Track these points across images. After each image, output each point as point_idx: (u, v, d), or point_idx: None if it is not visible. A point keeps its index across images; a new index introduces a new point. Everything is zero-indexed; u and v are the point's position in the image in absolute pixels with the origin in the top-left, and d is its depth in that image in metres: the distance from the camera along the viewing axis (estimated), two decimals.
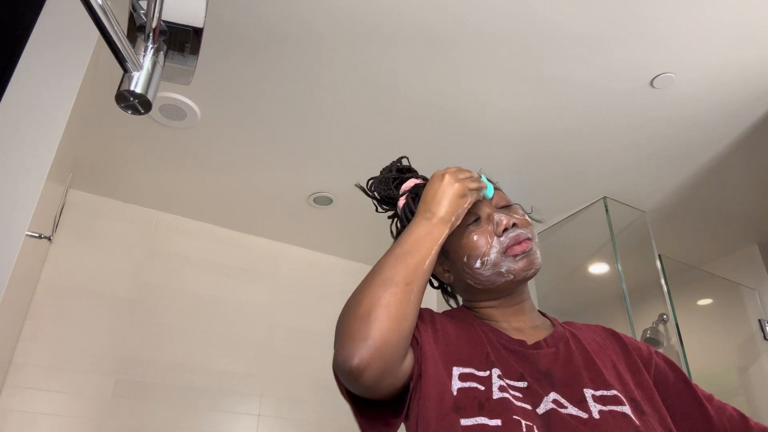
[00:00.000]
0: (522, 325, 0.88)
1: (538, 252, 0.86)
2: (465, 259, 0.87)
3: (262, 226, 2.98)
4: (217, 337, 2.71)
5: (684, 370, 2.38)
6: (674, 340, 2.53)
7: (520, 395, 0.74)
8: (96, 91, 1.97)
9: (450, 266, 0.93)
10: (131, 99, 0.66)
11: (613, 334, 0.93)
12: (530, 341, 0.83)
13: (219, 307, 2.79)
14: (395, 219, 1.08)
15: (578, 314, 3.00)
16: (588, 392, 0.75)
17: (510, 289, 0.87)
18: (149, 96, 0.67)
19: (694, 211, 2.75)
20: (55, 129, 1.29)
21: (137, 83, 0.66)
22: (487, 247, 0.84)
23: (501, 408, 0.70)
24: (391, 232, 1.10)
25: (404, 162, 1.08)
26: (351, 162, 2.45)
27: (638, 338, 2.74)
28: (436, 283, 1.02)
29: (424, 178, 1.02)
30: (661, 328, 2.88)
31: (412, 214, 0.94)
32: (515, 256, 0.84)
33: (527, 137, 2.27)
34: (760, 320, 2.91)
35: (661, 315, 2.88)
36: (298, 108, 2.14)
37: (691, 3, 1.69)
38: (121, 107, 0.67)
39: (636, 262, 2.70)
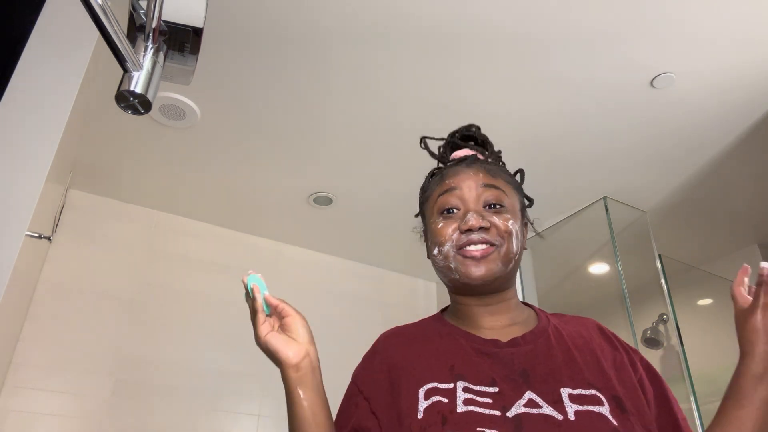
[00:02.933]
0: (498, 323, 0.84)
1: (498, 265, 0.81)
2: (429, 243, 0.89)
3: (262, 226, 2.98)
4: (217, 337, 2.71)
5: (684, 370, 2.38)
6: (674, 340, 2.53)
7: (490, 401, 0.72)
8: (96, 91, 1.97)
9: (427, 245, 0.93)
10: (131, 99, 0.66)
11: (601, 330, 0.89)
12: (505, 339, 0.80)
13: (219, 307, 2.79)
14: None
15: (578, 314, 3.00)
16: (565, 391, 0.72)
17: (467, 291, 0.84)
18: (149, 96, 0.66)
19: (694, 211, 2.75)
20: (55, 129, 1.29)
21: (137, 83, 0.66)
22: (445, 239, 0.82)
23: (464, 421, 0.69)
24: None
25: (473, 130, 1.03)
26: (351, 162, 2.45)
27: (638, 338, 2.74)
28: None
29: (488, 154, 0.96)
30: (661, 328, 2.88)
31: (422, 188, 0.98)
32: (465, 257, 0.81)
33: (528, 137, 2.27)
34: None
35: (661, 315, 2.88)
36: (298, 108, 2.14)
37: (691, 3, 1.69)
38: (121, 107, 0.67)
39: (636, 262, 2.70)
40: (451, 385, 0.74)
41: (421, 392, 0.75)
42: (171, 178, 2.58)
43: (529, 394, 0.72)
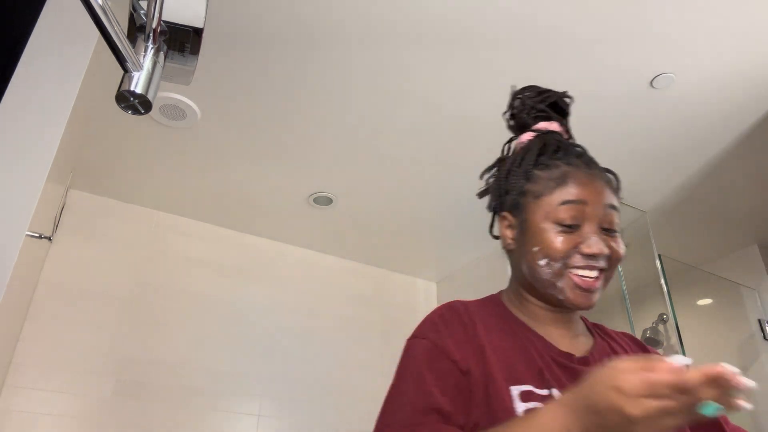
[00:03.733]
0: (567, 333, 0.82)
1: (602, 290, 0.78)
2: (535, 248, 0.78)
3: (262, 226, 2.98)
4: (217, 337, 2.71)
5: None
6: (674, 340, 2.53)
7: None
8: (96, 91, 1.97)
9: (518, 239, 0.82)
10: (131, 99, 0.66)
11: (641, 347, 0.89)
12: (577, 353, 0.78)
13: (219, 307, 2.79)
14: (508, 144, 0.96)
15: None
16: None
17: (556, 306, 0.81)
18: (149, 96, 0.67)
19: (694, 211, 2.75)
20: (55, 129, 1.29)
21: (137, 83, 0.66)
22: (561, 256, 0.76)
23: None
24: (502, 150, 0.95)
25: (566, 99, 0.95)
26: (351, 162, 2.45)
27: (638, 338, 2.74)
28: (493, 233, 0.92)
29: (568, 131, 0.90)
30: (660, 328, 2.88)
31: (525, 174, 0.83)
32: (576, 284, 0.76)
33: None
34: (760, 320, 2.91)
35: (661, 315, 2.88)
36: (298, 108, 2.14)
37: (691, 3, 1.69)
38: (121, 107, 0.67)
39: (636, 262, 2.70)
40: (546, 392, 0.71)
41: (516, 392, 0.71)
42: (171, 178, 2.59)
43: None
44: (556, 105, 0.93)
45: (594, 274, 0.76)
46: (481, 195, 0.94)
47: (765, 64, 1.92)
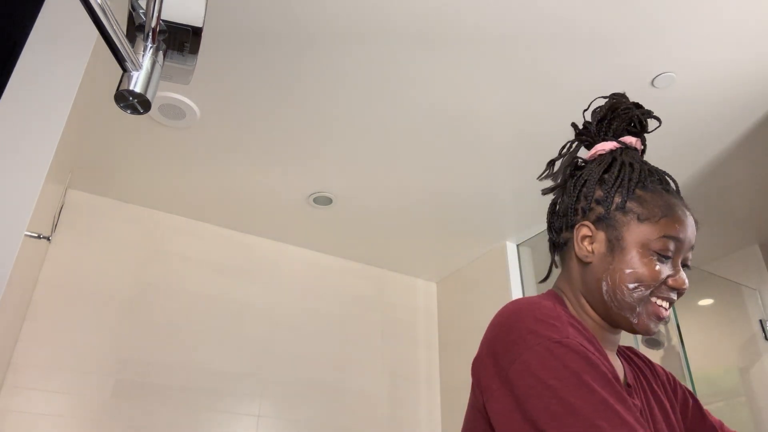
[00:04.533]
0: (612, 353, 0.84)
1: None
2: (627, 270, 0.76)
3: (262, 226, 2.98)
4: (217, 337, 2.71)
5: (685, 370, 2.38)
6: (675, 340, 2.53)
7: None
8: (95, 91, 1.97)
9: (604, 254, 0.79)
10: (130, 99, 0.66)
11: (647, 363, 0.92)
12: (620, 377, 0.79)
13: (219, 307, 2.79)
14: (572, 144, 0.93)
15: None
16: None
17: (619, 326, 0.81)
18: (148, 96, 0.66)
19: (695, 210, 2.74)
20: (54, 129, 1.28)
21: (136, 83, 0.65)
22: (653, 284, 0.76)
23: None
24: (569, 147, 0.92)
25: (650, 119, 0.91)
26: (351, 162, 2.45)
27: (639, 338, 2.74)
28: (553, 232, 0.88)
29: (643, 154, 0.89)
30: (661, 328, 2.87)
31: (629, 191, 0.80)
32: (651, 313, 0.77)
33: (528, 138, 2.26)
34: (761, 320, 2.90)
35: None
36: (298, 108, 2.14)
37: (691, 3, 1.69)
38: (121, 107, 0.66)
39: None
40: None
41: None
42: (171, 178, 2.58)
43: None
44: (641, 122, 0.91)
45: (667, 307, 0.78)
46: (547, 192, 0.91)
47: (765, 64, 1.91)
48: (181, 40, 0.70)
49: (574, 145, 0.93)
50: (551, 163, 0.93)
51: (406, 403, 3.09)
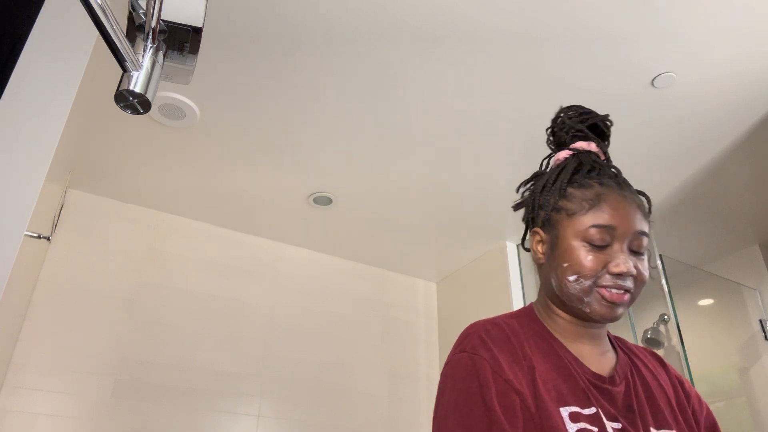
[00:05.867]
0: (595, 349, 0.84)
1: (625, 309, 0.81)
2: (564, 264, 0.81)
3: (262, 226, 2.98)
4: (217, 337, 2.71)
5: (685, 370, 2.38)
6: (675, 340, 2.53)
7: None
8: (95, 91, 1.97)
9: (549, 254, 0.85)
10: (130, 99, 0.66)
11: (662, 363, 0.92)
12: (604, 373, 0.81)
13: (219, 307, 2.79)
14: (547, 159, 0.99)
15: None
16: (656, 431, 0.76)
17: (582, 319, 0.83)
18: (148, 96, 0.66)
19: (694, 211, 2.75)
20: (54, 129, 1.28)
21: (136, 83, 0.65)
22: (591, 274, 0.78)
23: None
24: (540, 165, 0.97)
25: (607, 122, 0.96)
26: (351, 162, 2.45)
27: (639, 338, 2.74)
28: (524, 246, 0.95)
29: (606, 153, 0.93)
30: (661, 328, 2.87)
31: (560, 191, 0.85)
32: (604, 298, 0.78)
33: (528, 137, 2.26)
34: (761, 320, 2.90)
35: (662, 315, 2.87)
36: (298, 108, 2.14)
37: (691, 3, 1.69)
38: (121, 107, 0.66)
39: None
40: (592, 411, 0.74)
41: (565, 413, 0.73)
42: (170, 178, 2.58)
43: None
44: (595, 127, 0.95)
45: (620, 292, 0.78)
46: (516, 208, 0.97)
47: (765, 64, 1.91)
48: (181, 40, 0.70)
49: (546, 161, 0.99)
50: (524, 182, 1.00)
51: (406, 403, 3.09)
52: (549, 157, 0.99)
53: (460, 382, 0.76)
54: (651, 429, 0.76)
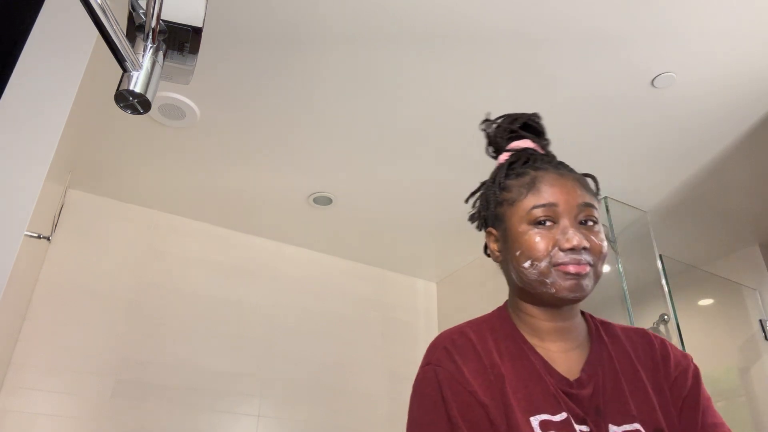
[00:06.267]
0: (565, 345, 0.82)
1: (592, 283, 0.79)
2: (517, 252, 0.80)
3: (262, 226, 2.98)
4: (217, 337, 2.71)
5: None
6: (675, 340, 2.53)
7: None
8: (95, 91, 1.97)
9: (503, 249, 0.86)
10: (130, 99, 0.66)
11: (648, 343, 0.87)
12: (572, 375, 0.79)
13: (219, 307, 2.79)
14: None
15: None
16: (612, 429, 0.74)
17: (553, 304, 0.81)
18: (148, 96, 0.66)
19: (694, 211, 2.75)
20: (54, 129, 1.28)
21: (136, 83, 0.65)
22: (543, 255, 0.77)
23: None
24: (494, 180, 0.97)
25: (536, 119, 0.98)
26: (351, 162, 2.45)
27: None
28: (486, 252, 0.95)
29: (545, 147, 0.94)
30: (661, 328, 2.87)
31: (499, 185, 0.87)
32: (566, 273, 0.76)
33: None
34: (761, 320, 2.90)
35: (662, 315, 2.87)
36: (298, 108, 2.14)
37: (691, 3, 1.69)
38: (121, 107, 0.66)
39: (637, 262, 2.69)
40: (563, 417, 0.72)
41: (535, 422, 0.72)
42: (171, 178, 2.58)
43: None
44: (527, 126, 0.97)
45: (579, 265, 0.77)
46: (471, 219, 0.97)
47: (765, 64, 1.91)
48: (181, 40, 0.70)
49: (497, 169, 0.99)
50: (472, 193, 1.00)
51: (406, 403, 3.08)
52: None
53: (426, 398, 0.76)
54: (610, 426, 0.74)
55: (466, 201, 0.98)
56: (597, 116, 2.16)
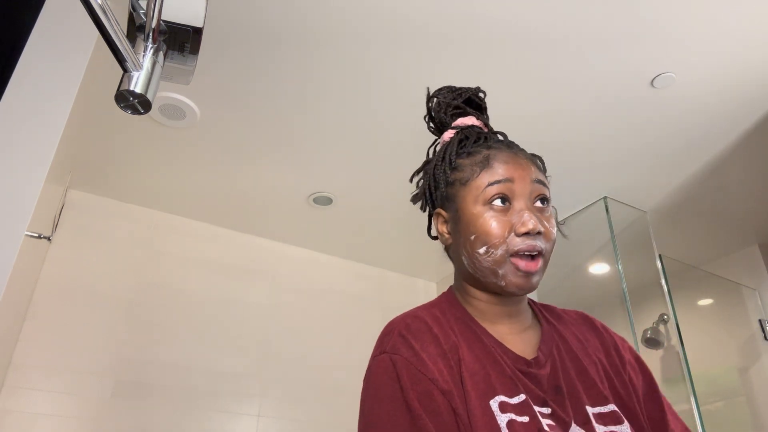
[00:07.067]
0: (515, 327, 0.80)
1: (540, 276, 0.77)
2: (472, 237, 0.77)
3: (262, 226, 2.98)
4: (217, 337, 2.71)
5: (684, 370, 2.38)
6: (675, 340, 2.53)
7: (553, 423, 0.69)
8: (95, 91, 1.97)
9: (454, 231, 0.82)
10: (131, 99, 0.66)
11: (591, 326, 0.87)
12: (528, 354, 0.76)
13: (219, 307, 2.79)
14: (433, 146, 0.98)
15: None
16: (590, 410, 0.71)
17: (500, 294, 0.79)
18: (149, 96, 0.66)
19: (694, 211, 2.75)
20: (54, 129, 1.29)
21: (137, 83, 0.66)
22: (499, 241, 0.74)
23: None
24: (427, 154, 0.97)
25: (480, 95, 0.95)
26: (351, 162, 2.45)
27: (638, 338, 2.74)
28: (434, 234, 0.90)
29: (487, 125, 0.92)
30: (661, 328, 2.88)
31: (449, 164, 0.83)
32: (517, 269, 0.74)
33: (527, 137, 2.25)
34: (760, 320, 2.91)
35: (662, 315, 2.88)
36: (299, 108, 2.14)
37: (691, 3, 1.69)
38: (121, 107, 0.67)
39: (636, 262, 2.70)
40: (520, 399, 0.69)
41: (494, 405, 0.68)
42: (171, 178, 2.58)
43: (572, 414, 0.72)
44: (471, 101, 0.96)
45: (533, 259, 0.75)
46: (414, 200, 0.94)
47: (765, 64, 1.91)
48: (181, 40, 0.70)
49: (432, 148, 0.98)
50: (415, 173, 0.97)
51: None
52: (434, 144, 0.99)
53: (381, 389, 0.69)
54: (586, 408, 0.71)
55: (411, 180, 0.94)
56: (597, 116, 2.16)
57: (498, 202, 0.76)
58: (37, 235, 1.33)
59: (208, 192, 2.69)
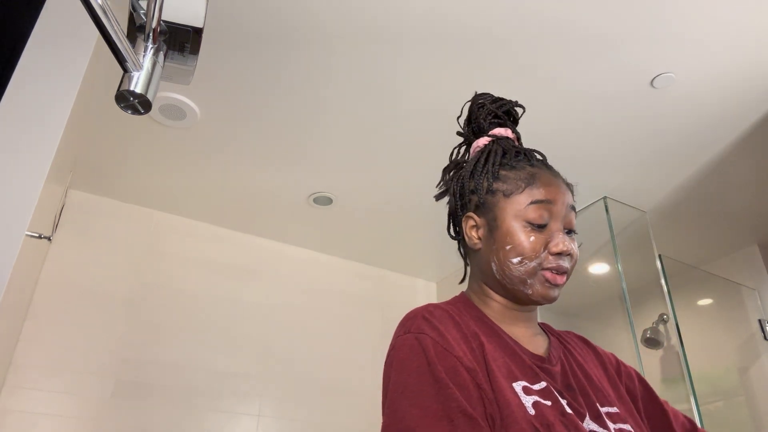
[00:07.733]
0: (530, 332, 0.85)
1: (560, 291, 0.83)
2: (507, 246, 0.81)
3: (262, 226, 2.98)
4: (216, 337, 2.71)
5: (684, 370, 2.38)
6: (674, 340, 2.53)
7: (571, 412, 0.72)
8: (96, 91, 1.97)
9: (486, 237, 0.85)
10: (131, 99, 0.66)
11: (586, 343, 0.94)
12: (541, 354, 0.82)
13: (219, 307, 2.79)
14: (459, 148, 1.01)
15: (578, 314, 3.00)
16: (602, 409, 0.76)
17: (522, 302, 0.84)
18: (149, 96, 0.66)
19: (694, 211, 2.75)
20: (55, 129, 1.29)
21: (137, 83, 0.66)
22: (534, 255, 0.79)
23: (573, 425, 0.69)
24: (451, 154, 1.00)
25: (517, 109, 1.00)
26: (351, 162, 2.45)
27: (638, 338, 2.75)
28: (453, 234, 0.95)
29: (519, 139, 0.96)
30: (661, 328, 2.88)
31: (494, 174, 0.86)
32: (546, 281, 0.80)
33: (527, 137, 2.26)
34: (760, 320, 2.91)
35: (662, 315, 2.88)
36: (298, 108, 2.14)
37: (691, 3, 1.69)
38: (121, 107, 0.67)
39: (636, 262, 2.70)
40: (542, 385, 0.73)
41: (518, 387, 0.71)
42: (171, 178, 2.58)
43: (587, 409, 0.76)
44: (509, 113, 1.00)
45: (561, 273, 0.81)
46: (438, 197, 0.97)
47: (765, 64, 1.92)
48: (181, 40, 0.71)
49: (462, 149, 1.01)
50: (445, 170, 0.99)
51: None
52: (461, 145, 1.02)
53: (407, 363, 0.71)
54: (597, 405, 0.76)
55: (443, 179, 0.97)
56: (596, 116, 2.16)
57: (538, 220, 0.81)
58: (37, 235, 1.33)
59: (208, 192, 2.69)
